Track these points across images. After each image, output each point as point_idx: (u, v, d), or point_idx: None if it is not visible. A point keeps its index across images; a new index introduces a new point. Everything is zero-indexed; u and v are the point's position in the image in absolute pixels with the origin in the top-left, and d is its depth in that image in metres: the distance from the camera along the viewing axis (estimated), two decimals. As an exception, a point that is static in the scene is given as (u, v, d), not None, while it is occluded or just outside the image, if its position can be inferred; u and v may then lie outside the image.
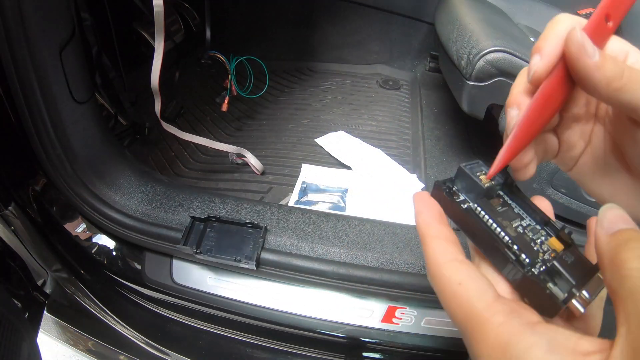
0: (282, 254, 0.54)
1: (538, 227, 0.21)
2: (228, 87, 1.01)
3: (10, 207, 0.56)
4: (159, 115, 0.83)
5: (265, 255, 0.54)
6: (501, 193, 0.22)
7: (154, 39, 0.71)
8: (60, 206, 0.61)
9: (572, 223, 0.73)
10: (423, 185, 0.88)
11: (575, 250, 0.20)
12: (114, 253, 0.63)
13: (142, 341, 0.66)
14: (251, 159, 0.90)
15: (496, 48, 0.73)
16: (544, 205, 0.23)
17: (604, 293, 0.19)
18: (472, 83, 0.77)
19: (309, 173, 0.90)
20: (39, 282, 0.67)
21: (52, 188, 0.59)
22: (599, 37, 0.19)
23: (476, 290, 0.17)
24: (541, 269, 0.18)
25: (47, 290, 0.68)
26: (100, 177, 0.59)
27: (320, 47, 1.35)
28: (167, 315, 0.67)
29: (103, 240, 0.63)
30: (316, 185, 0.86)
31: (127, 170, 0.62)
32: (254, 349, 0.65)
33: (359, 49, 1.34)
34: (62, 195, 0.59)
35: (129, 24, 0.94)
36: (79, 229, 0.63)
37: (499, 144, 0.21)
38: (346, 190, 0.85)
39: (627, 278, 0.14)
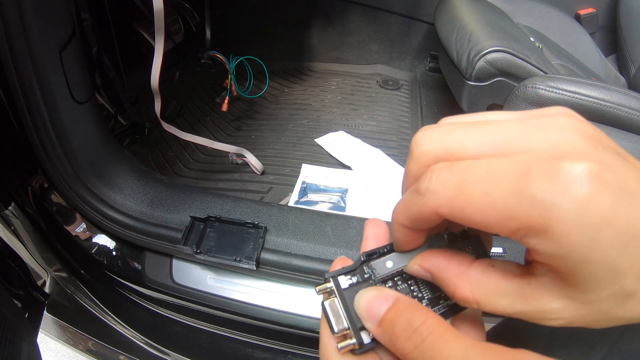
0: (282, 254, 0.54)
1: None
2: (228, 87, 1.01)
3: (10, 207, 0.56)
4: (159, 115, 0.83)
5: (265, 255, 0.54)
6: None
7: (154, 39, 0.71)
8: (60, 206, 0.61)
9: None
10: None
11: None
12: (114, 253, 0.63)
13: (142, 341, 0.66)
14: (251, 159, 0.90)
15: (496, 48, 0.73)
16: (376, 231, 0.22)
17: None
18: (472, 83, 0.77)
19: (309, 173, 0.90)
20: (39, 282, 0.67)
21: (52, 188, 0.59)
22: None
23: None
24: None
25: (47, 290, 0.68)
26: (100, 177, 0.59)
27: (320, 47, 1.35)
28: (167, 315, 0.67)
29: (103, 240, 0.63)
30: (316, 185, 0.86)
31: (127, 170, 0.62)
32: (254, 349, 0.65)
33: (358, 49, 1.34)
34: (62, 195, 0.59)
35: (129, 24, 0.94)
36: (79, 229, 0.62)
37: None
38: (346, 190, 0.85)
39: None
